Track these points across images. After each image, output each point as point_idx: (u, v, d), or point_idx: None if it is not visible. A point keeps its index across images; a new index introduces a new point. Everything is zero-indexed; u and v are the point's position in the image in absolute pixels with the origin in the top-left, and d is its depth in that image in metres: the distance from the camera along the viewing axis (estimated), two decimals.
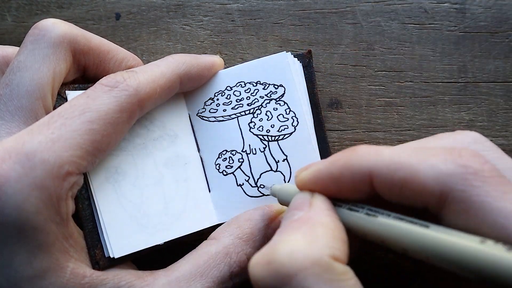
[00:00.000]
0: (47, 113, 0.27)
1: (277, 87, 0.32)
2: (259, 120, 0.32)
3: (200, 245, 0.29)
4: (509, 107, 0.34)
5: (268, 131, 0.32)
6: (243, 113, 0.32)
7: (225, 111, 0.33)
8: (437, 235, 0.19)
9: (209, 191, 0.32)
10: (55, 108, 0.28)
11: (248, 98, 0.32)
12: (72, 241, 0.26)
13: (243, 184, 0.32)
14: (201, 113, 0.33)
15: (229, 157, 0.32)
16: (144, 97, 0.28)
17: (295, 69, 0.32)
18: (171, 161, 0.31)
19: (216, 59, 0.33)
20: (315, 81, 0.33)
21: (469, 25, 0.34)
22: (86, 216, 0.28)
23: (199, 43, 0.36)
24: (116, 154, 0.29)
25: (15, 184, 0.23)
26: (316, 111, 0.33)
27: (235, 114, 0.32)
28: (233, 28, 0.36)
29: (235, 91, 0.33)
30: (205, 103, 0.33)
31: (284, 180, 0.32)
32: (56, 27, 0.28)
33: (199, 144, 0.33)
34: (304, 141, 0.32)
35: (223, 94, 0.33)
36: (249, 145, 0.32)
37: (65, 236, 0.25)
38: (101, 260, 0.27)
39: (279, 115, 0.32)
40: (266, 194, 0.32)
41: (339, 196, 0.23)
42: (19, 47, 0.28)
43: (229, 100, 0.33)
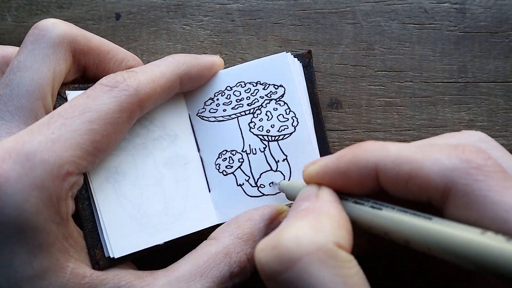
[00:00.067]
0: (47, 113, 0.27)
1: (277, 87, 0.32)
2: (259, 120, 0.32)
3: (200, 245, 0.29)
4: (509, 107, 0.34)
5: (268, 131, 0.32)
6: (243, 113, 0.32)
7: (225, 111, 0.33)
8: (439, 227, 0.19)
9: (209, 191, 0.32)
10: (55, 108, 0.28)
11: (248, 98, 0.32)
12: (72, 241, 0.26)
13: (243, 184, 0.32)
14: (201, 113, 0.33)
15: (229, 157, 0.32)
16: (144, 97, 0.28)
17: (295, 69, 0.32)
18: (171, 161, 0.31)
19: (216, 59, 0.33)
20: (315, 81, 0.33)
21: (469, 25, 0.34)
22: (86, 216, 0.28)
23: (199, 43, 0.36)
24: (116, 154, 0.29)
25: (15, 184, 0.23)
26: (316, 111, 0.33)
27: (235, 114, 0.32)
28: (233, 28, 0.36)
29: (235, 91, 0.33)
30: (205, 103, 0.33)
31: (284, 180, 0.32)
32: (56, 27, 0.28)
33: (199, 144, 0.33)
34: (304, 141, 0.32)
35: (223, 94, 0.33)
36: (249, 145, 0.32)
37: (65, 236, 0.25)
38: (101, 260, 0.27)
39: (279, 115, 0.32)
40: (266, 194, 0.32)
41: (345, 190, 0.24)
42: (19, 47, 0.28)
43: (229, 100, 0.33)
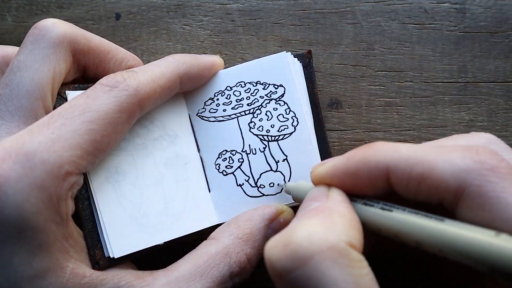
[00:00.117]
0: (47, 113, 0.27)
1: (277, 87, 0.32)
2: (259, 120, 0.32)
3: (200, 245, 0.29)
4: (509, 107, 0.34)
5: (268, 131, 0.32)
6: (243, 113, 0.32)
7: (225, 111, 0.33)
8: (452, 228, 0.19)
9: (209, 191, 0.32)
10: (55, 108, 0.28)
11: (248, 98, 0.32)
12: (72, 241, 0.26)
13: (243, 184, 0.32)
14: (201, 113, 0.33)
15: (229, 157, 0.32)
16: (144, 97, 0.28)
17: (295, 69, 0.32)
18: (171, 161, 0.31)
19: (216, 59, 0.33)
20: (315, 81, 0.33)
21: (469, 25, 0.34)
22: (86, 216, 0.28)
23: (199, 43, 0.36)
24: (116, 154, 0.29)
25: (15, 184, 0.23)
26: (316, 111, 0.33)
27: (235, 114, 0.32)
28: (233, 28, 0.36)
29: (235, 91, 0.33)
30: (205, 103, 0.33)
31: (284, 180, 0.32)
32: (56, 27, 0.28)
33: (199, 144, 0.33)
34: (304, 141, 0.32)
35: (223, 94, 0.33)
36: (249, 145, 0.32)
37: (65, 236, 0.25)
38: (101, 260, 0.27)
39: (279, 115, 0.32)
40: (266, 194, 0.32)
41: (355, 191, 0.23)
42: (19, 47, 0.28)
43: (229, 100, 0.33)
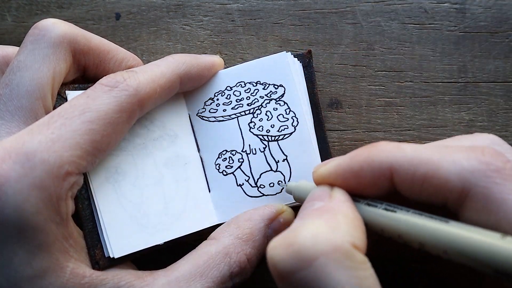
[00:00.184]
0: (47, 113, 0.27)
1: (277, 87, 0.32)
2: (259, 120, 0.32)
3: (200, 245, 0.29)
4: (509, 107, 0.34)
5: (268, 131, 0.32)
6: (243, 113, 0.32)
7: (225, 111, 0.33)
8: (457, 230, 0.19)
9: (209, 191, 0.32)
10: (55, 108, 0.28)
11: (248, 98, 0.32)
12: (72, 241, 0.26)
13: (243, 184, 0.32)
14: (201, 113, 0.33)
15: (229, 157, 0.32)
16: (144, 97, 0.28)
17: (295, 69, 0.32)
18: (171, 161, 0.31)
19: (216, 59, 0.33)
20: (315, 81, 0.33)
21: (469, 25, 0.34)
22: (86, 216, 0.28)
23: (199, 43, 0.36)
24: (116, 154, 0.29)
25: (15, 184, 0.23)
26: (316, 111, 0.33)
27: (235, 114, 0.32)
28: (233, 28, 0.36)
29: (235, 91, 0.33)
30: (205, 103, 0.33)
31: (284, 180, 0.32)
32: (56, 27, 0.28)
33: (199, 144, 0.33)
34: (304, 141, 0.32)
35: (223, 94, 0.33)
36: (249, 145, 0.32)
37: (65, 236, 0.25)
38: (101, 260, 0.27)
39: (279, 115, 0.32)
40: (266, 194, 0.32)
41: (358, 191, 0.23)
42: (19, 47, 0.28)
43: (229, 100, 0.33)
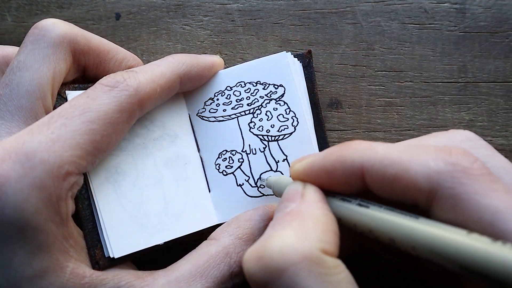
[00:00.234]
0: (47, 113, 0.27)
1: (277, 87, 0.32)
2: (259, 120, 0.32)
3: (200, 245, 0.29)
4: (509, 107, 0.34)
5: (268, 131, 0.32)
6: (243, 113, 0.32)
7: (225, 111, 0.33)
8: (425, 227, 0.19)
9: (209, 191, 0.32)
10: (55, 108, 0.28)
11: (248, 98, 0.32)
12: (72, 241, 0.26)
13: (243, 184, 0.32)
14: (201, 113, 0.33)
15: (229, 157, 0.32)
16: (144, 97, 0.28)
17: (295, 69, 0.32)
18: (171, 161, 0.31)
19: (216, 59, 0.33)
20: (315, 81, 0.33)
21: (469, 25, 0.34)
22: (86, 216, 0.28)
23: (199, 43, 0.36)
24: (116, 154, 0.29)
25: (15, 184, 0.23)
26: (316, 111, 0.33)
27: (235, 114, 0.32)
28: (233, 28, 0.36)
29: (235, 91, 0.33)
30: (205, 103, 0.33)
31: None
32: (56, 27, 0.28)
33: (199, 144, 0.33)
34: (304, 141, 0.32)
35: (223, 94, 0.33)
36: (249, 145, 0.32)
37: (65, 236, 0.25)
38: (101, 260, 0.27)
39: (279, 115, 0.32)
40: (266, 194, 0.32)
41: (331, 189, 0.23)
42: (19, 47, 0.28)
43: (229, 100, 0.33)
